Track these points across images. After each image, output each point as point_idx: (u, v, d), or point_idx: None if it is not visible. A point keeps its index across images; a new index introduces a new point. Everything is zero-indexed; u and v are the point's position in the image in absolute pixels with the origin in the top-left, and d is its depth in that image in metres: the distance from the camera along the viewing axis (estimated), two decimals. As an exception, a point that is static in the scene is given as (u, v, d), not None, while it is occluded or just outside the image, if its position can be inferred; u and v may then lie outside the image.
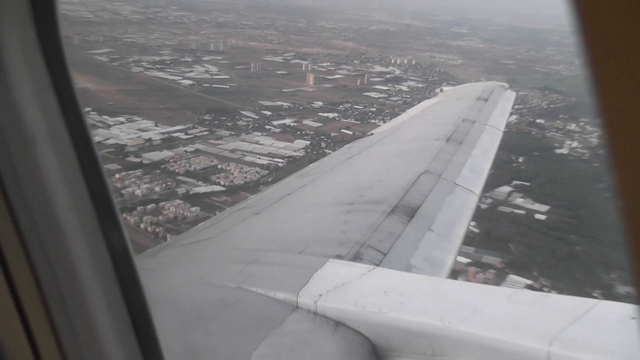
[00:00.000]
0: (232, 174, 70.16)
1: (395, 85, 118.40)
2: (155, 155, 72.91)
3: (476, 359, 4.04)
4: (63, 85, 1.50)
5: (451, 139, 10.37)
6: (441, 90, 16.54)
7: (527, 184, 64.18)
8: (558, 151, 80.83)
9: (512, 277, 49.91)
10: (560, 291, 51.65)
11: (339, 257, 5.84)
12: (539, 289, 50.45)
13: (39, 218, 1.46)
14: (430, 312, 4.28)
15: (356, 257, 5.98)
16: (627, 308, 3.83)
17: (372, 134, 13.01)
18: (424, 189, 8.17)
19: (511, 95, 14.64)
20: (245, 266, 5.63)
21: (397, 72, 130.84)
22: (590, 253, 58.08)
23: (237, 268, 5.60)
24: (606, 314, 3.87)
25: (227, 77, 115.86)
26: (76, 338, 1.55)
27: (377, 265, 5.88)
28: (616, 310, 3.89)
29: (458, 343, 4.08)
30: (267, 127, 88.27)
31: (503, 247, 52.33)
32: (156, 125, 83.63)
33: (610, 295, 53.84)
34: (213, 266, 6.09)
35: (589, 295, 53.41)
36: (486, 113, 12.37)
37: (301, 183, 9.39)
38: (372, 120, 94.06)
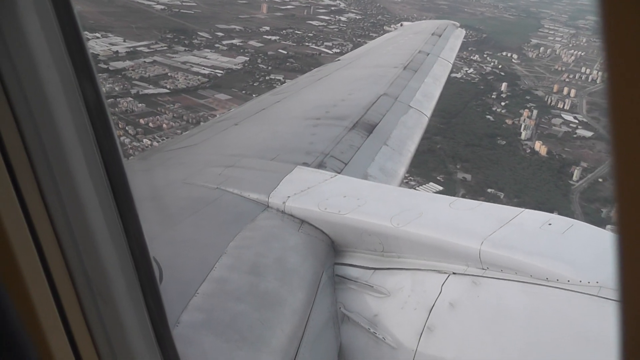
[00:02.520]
0: (178, 80, 75.22)
1: (336, 16, 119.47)
2: (119, 64, 77.71)
3: (420, 255, 4.06)
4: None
5: (408, 67, 10.19)
6: (401, 25, 16.20)
7: (418, 97, 70.18)
8: (452, 75, 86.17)
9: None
10: (412, 174, 58.48)
11: (305, 164, 5.78)
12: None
13: (39, 120, 1.38)
14: (382, 214, 4.27)
15: (321, 165, 5.93)
16: (546, 216, 3.93)
17: (339, 59, 12.64)
18: (382, 109, 8.05)
19: (461, 33, 14.41)
20: (224, 170, 5.55)
21: (342, 5, 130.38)
22: (446, 150, 64.78)
23: (216, 171, 5.53)
24: (529, 220, 3.90)
25: (194, 4, 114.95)
26: (73, 236, 1.52)
27: (339, 172, 5.82)
28: (537, 217, 3.92)
29: (405, 241, 4.10)
30: (217, 45, 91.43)
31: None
32: (124, 41, 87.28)
33: (450, 179, 60.96)
34: (196, 169, 5.98)
35: (433, 178, 60.36)
36: (439, 47, 12.18)
37: (275, 99, 9.17)
38: (306, 44, 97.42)
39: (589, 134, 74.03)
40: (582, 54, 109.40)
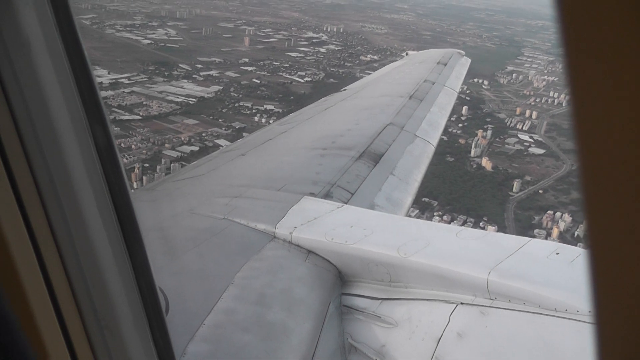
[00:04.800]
0: (152, 107, 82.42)
1: (316, 48, 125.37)
2: (102, 94, 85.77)
3: (427, 285, 4.13)
4: (70, 34, 1.46)
5: (413, 97, 10.34)
6: (406, 54, 16.28)
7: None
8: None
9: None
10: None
11: (312, 194, 5.89)
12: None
13: (37, 120, 1.41)
14: (389, 244, 4.33)
15: (327, 195, 6.05)
16: (553, 245, 3.98)
17: (345, 89, 12.74)
18: (388, 138, 8.19)
19: (467, 61, 14.54)
20: (231, 200, 5.67)
21: (324, 37, 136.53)
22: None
23: (223, 201, 5.65)
24: (536, 249, 3.95)
25: (180, 39, 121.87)
26: (76, 255, 1.54)
27: (345, 202, 5.95)
28: (544, 247, 3.98)
29: (412, 271, 4.16)
30: (194, 76, 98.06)
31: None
32: (108, 73, 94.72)
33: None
34: (203, 199, 6.14)
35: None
36: (444, 76, 12.34)
37: (282, 129, 9.34)
38: (280, 73, 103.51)
39: (541, 151, 79.04)
40: (555, 79, 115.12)
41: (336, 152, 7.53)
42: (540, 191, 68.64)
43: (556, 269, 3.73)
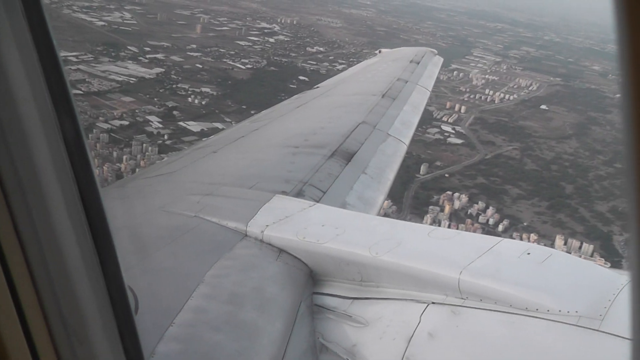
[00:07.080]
0: (93, 85, 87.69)
1: (266, 38, 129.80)
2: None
3: (398, 284, 4.22)
4: (38, 24, 1.46)
5: (386, 95, 10.57)
6: (379, 52, 16.43)
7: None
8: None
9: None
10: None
11: (284, 193, 5.94)
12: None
13: (3, 113, 1.39)
14: (361, 243, 4.41)
15: (299, 194, 6.11)
16: (524, 245, 4.11)
17: (318, 87, 12.81)
18: (361, 137, 8.34)
19: (439, 60, 14.75)
20: (202, 198, 5.69)
21: (277, 28, 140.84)
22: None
23: (194, 199, 5.66)
24: (507, 249, 4.05)
25: (134, 22, 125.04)
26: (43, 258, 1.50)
27: (317, 201, 6.01)
28: (515, 247, 4.10)
29: (383, 271, 4.25)
30: (140, 58, 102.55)
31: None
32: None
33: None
34: (174, 197, 6.15)
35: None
36: (417, 74, 12.53)
37: (254, 127, 9.53)
38: (225, 60, 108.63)
39: (459, 141, 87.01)
40: (496, 78, 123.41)
41: (309, 150, 7.63)
42: (447, 175, 76.10)
43: (527, 268, 3.84)
